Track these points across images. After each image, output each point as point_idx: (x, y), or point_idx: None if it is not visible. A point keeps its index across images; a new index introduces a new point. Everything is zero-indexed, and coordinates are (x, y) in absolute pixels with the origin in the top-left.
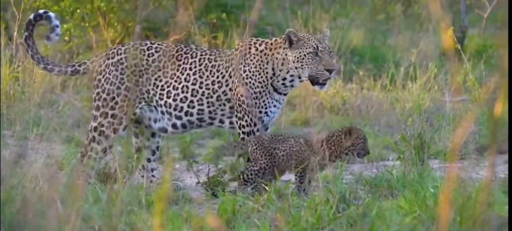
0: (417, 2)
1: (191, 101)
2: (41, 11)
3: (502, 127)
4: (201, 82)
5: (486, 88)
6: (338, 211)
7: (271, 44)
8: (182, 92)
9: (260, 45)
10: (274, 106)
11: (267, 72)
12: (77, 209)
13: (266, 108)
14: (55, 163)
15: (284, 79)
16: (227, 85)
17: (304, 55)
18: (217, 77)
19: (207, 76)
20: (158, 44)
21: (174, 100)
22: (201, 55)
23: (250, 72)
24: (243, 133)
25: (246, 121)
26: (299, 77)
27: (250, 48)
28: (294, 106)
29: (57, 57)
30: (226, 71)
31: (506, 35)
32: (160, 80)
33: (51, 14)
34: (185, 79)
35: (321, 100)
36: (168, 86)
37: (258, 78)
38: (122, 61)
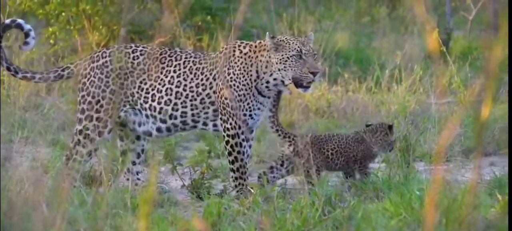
0: (402, 4)
1: (175, 104)
2: (7, 20)
3: (487, 129)
4: (185, 85)
5: (471, 90)
6: (324, 214)
7: (255, 46)
8: (166, 95)
9: (244, 48)
10: (259, 109)
11: (251, 75)
12: (63, 212)
13: (250, 111)
14: (40, 166)
15: (268, 82)
16: (211, 88)
17: (287, 57)
18: (201, 80)
19: (191, 79)
20: (143, 47)
21: (159, 103)
22: (186, 57)
23: (234, 75)
24: (227, 135)
25: (230, 124)
26: (283, 80)
27: (234, 51)
28: (279, 109)
29: (43, 61)
30: (210, 74)
31: (491, 37)
32: (145, 84)
33: (20, 20)
34: (169, 82)
35: (306, 103)
36: (152, 90)
37: (243, 81)
38: (107, 64)
